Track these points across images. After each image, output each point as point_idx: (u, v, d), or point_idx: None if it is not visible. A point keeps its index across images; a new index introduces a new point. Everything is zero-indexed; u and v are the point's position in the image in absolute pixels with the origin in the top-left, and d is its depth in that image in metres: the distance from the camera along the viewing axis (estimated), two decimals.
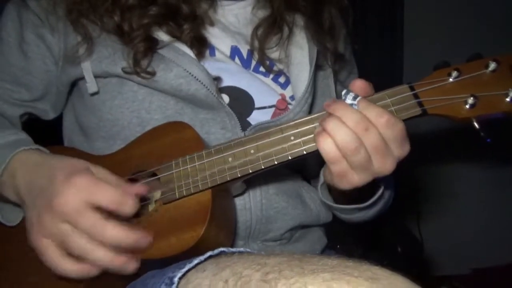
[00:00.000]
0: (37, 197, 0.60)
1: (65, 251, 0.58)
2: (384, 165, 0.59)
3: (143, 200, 0.68)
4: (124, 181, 0.63)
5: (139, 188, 0.61)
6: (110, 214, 0.58)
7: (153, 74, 0.71)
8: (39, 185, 0.61)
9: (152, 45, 0.71)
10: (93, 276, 0.61)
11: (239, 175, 0.63)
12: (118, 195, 0.58)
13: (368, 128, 0.57)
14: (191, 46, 0.73)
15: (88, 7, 0.72)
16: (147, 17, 0.71)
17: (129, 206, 0.59)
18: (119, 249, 0.58)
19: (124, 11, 0.71)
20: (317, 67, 0.81)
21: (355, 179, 0.60)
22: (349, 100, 0.59)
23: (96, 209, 0.57)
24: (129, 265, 0.59)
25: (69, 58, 0.74)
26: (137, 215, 0.63)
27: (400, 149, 0.59)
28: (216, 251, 0.56)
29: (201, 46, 0.75)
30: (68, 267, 0.58)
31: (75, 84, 0.80)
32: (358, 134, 0.57)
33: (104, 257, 0.58)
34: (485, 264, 2.07)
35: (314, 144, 0.61)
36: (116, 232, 0.57)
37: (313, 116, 0.62)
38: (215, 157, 0.65)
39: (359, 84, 0.61)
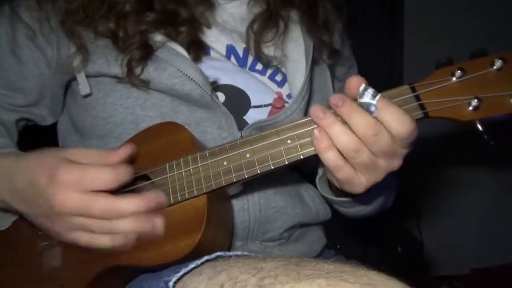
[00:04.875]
0: (35, 206, 0.60)
1: None
2: (392, 164, 0.59)
3: None
4: (103, 151, 0.62)
5: (124, 150, 0.61)
6: None
7: (146, 82, 0.70)
8: (28, 195, 0.60)
9: (147, 52, 0.70)
10: (93, 278, 0.62)
11: (234, 180, 0.62)
12: (110, 172, 0.57)
13: (378, 133, 0.56)
14: (187, 49, 0.72)
15: (84, 17, 0.70)
16: (144, 23, 0.70)
17: (124, 174, 0.58)
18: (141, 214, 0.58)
19: (119, 18, 0.69)
20: (314, 63, 0.80)
21: (362, 181, 0.59)
22: (367, 98, 0.56)
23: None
24: (157, 222, 0.59)
25: (63, 68, 0.73)
26: None
27: (409, 147, 0.58)
28: (213, 255, 0.56)
29: (198, 49, 0.74)
30: (107, 241, 0.58)
31: (68, 85, 0.79)
32: (366, 140, 0.56)
33: (131, 226, 0.58)
34: (485, 264, 2.07)
35: (312, 148, 0.59)
36: (130, 203, 0.57)
37: (309, 118, 0.60)
38: (210, 161, 0.63)
39: (356, 81, 0.58)
